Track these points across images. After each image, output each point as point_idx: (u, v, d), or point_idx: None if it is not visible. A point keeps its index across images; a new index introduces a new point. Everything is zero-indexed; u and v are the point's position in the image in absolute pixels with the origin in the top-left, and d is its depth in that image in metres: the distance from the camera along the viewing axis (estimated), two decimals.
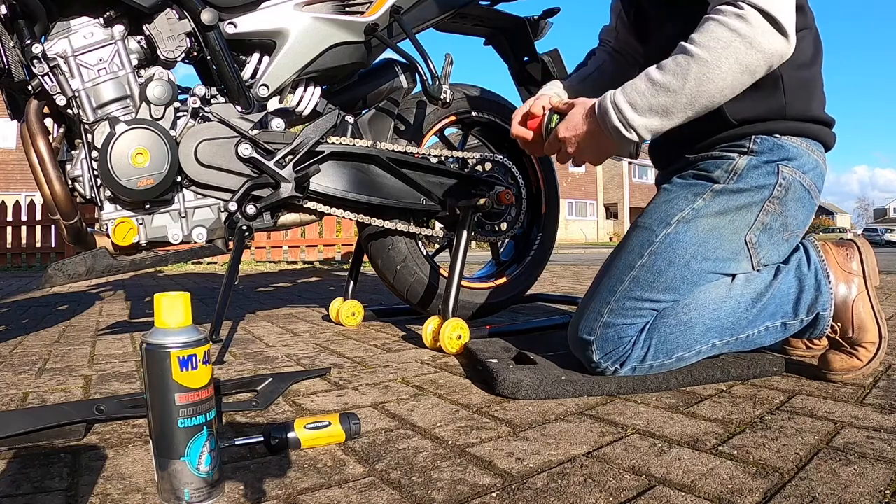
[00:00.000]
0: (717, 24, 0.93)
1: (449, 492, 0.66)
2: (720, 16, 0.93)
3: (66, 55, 1.29)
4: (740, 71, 0.93)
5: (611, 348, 1.04)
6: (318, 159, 1.49)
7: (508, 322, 1.85)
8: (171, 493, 0.63)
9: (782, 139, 1.07)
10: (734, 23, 0.91)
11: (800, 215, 1.10)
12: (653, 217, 1.09)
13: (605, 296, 1.07)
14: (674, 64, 0.95)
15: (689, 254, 1.04)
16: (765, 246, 1.08)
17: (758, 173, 1.06)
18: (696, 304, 1.04)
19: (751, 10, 0.91)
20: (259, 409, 0.99)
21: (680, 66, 0.94)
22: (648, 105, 0.96)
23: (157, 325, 0.64)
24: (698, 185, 1.10)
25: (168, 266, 4.78)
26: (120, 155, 1.26)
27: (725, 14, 0.92)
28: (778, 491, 0.65)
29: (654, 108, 0.96)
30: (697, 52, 0.93)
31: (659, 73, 0.96)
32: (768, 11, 0.91)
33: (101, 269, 1.34)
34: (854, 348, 1.07)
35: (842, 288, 1.08)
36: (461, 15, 1.72)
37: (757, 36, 0.91)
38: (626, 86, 0.99)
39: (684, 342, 1.04)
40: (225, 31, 1.39)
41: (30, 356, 1.48)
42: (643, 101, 0.96)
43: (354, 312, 1.88)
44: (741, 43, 0.91)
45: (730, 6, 0.93)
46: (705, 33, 0.93)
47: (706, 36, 0.93)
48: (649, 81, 0.96)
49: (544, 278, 3.67)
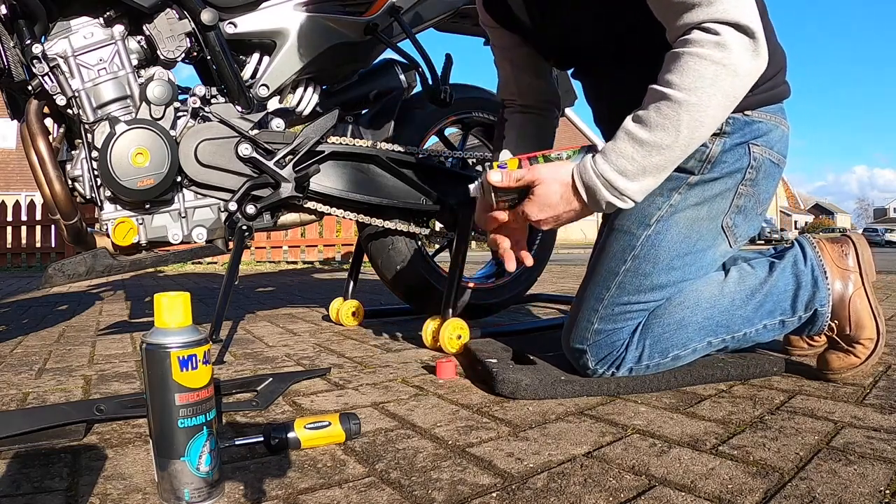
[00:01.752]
0: (697, 60, 0.82)
1: (449, 492, 0.66)
2: (697, 48, 0.82)
3: (66, 55, 1.29)
4: (728, 103, 0.85)
5: (605, 353, 1.04)
6: (318, 159, 1.49)
7: (508, 322, 1.85)
8: (171, 493, 0.63)
9: (752, 115, 1.03)
10: (716, 54, 0.82)
11: (770, 188, 1.09)
12: (631, 219, 1.07)
13: (592, 303, 1.06)
14: (659, 116, 0.85)
15: (673, 252, 1.03)
16: (741, 226, 1.08)
17: (731, 157, 1.03)
18: (688, 302, 1.04)
19: (727, 31, 0.82)
20: (259, 409, 0.99)
21: (668, 117, 0.84)
22: (641, 168, 0.86)
23: (157, 325, 0.64)
24: (672, 179, 1.05)
25: (168, 266, 4.78)
26: (120, 155, 1.26)
27: (703, 45, 0.82)
28: (778, 491, 0.65)
29: (647, 169, 0.87)
30: (684, 98, 0.83)
31: (644, 129, 0.85)
32: (743, 24, 0.82)
33: (101, 269, 1.34)
34: (852, 345, 1.06)
35: (838, 284, 1.08)
36: (461, 15, 1.72)
37: (741, 62, 0.82)
38: (608, 151, 0.88)
39: (678, 341, 1.04)
40: (225, 31, 1.39)
41: (30, 356, 1.48)
42: (634, 165, 0.86)
43: (354, 312, 1.88)
44: (726, 74, 0.82)
45: (702, 33, 0.83)
46: (687, 73, 0.83)
47: (689, 76, 0.82)
48: (635, 142, 0.86)
49: (544, 278, 3.67)
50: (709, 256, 1.07)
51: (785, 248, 1.13)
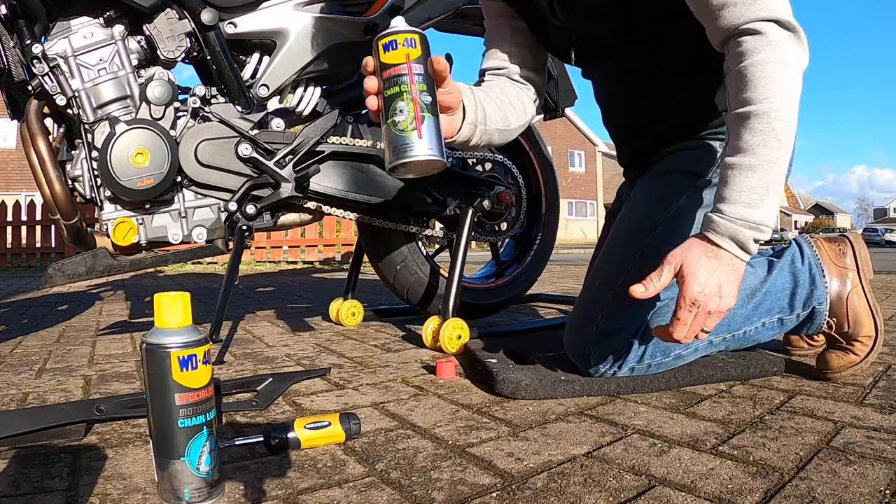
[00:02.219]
0: (761, 68, 0.81)
1: (449, 492, 0.66)
2: (754, 56, 0.82)
3: (66, 55, 1.29)
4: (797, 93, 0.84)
5: (608, 352, 1.04)
6: (318, 159, 1.49)
7: (508, 322, 1.85)
8: (171, 493, 0.63)
9: None
10: (773, 55, 0.81)
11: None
12: (637, 220, 1.07)
13: (598, 303, 1.06)
14: (754, 136, 0.82)
15: None
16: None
17: None
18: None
19: (772, 28, 0.82)
20: (259, 409, 0.99)
21: (764, 132, 0.82)
22: (765, 191, 0.82)
23: (157, 325, 0.64)
24: (680, 181, 1.07)
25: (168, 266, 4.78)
26: (120, 155, 1.26)
27: (758, 51, 0.82)
28: (778, 491, 0.65)
29: (769, 190, 0.83)
30: (769, 108, 0.81)
31: (749, 156, 0.82)
32: (784, 20, 0.82)
33: (101, 269, 1.34)
34: (850, 343, 1.07)
35: (836, 283, 1.08)
36: (461, 15, 1.72)
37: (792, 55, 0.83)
38: (725, 196, 0.84)
39: None
40: (225, 31, 1.39)
41: (30, 356, 1.48)
42: (758, 193, 0.82)
43: (354, 312, 1.88)
44: (786, 68, 0.82)
45: (751, 37, 0.83)
46: (759, 84, 0.82)
47: (762, 86, 0.81)
48: (748, 171, 0.82)
49: (544, 278, 3.67)
50: None
51: (783, 248, 1.14)
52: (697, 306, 0.82)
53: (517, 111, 1.15)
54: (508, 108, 1.12)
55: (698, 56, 1.06)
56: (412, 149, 0.79)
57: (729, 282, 0.83)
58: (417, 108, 0.80)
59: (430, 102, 0.82)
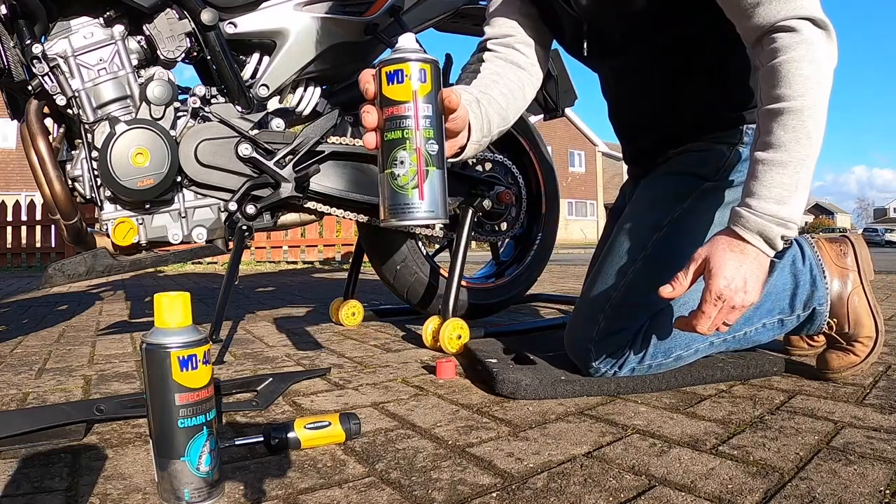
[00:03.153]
0: (795, 65, 0.82)
1: (449, 492, 0.66)
2: (789, 53, 0.82)
3: (66, 55, 1.29)
4: (828, 91, 0.84)
5: (609, 352, 1.04)
6: (318, 159, 1.49)
7: (508, 322, 1.85)
8: (171, 493, 0.63)
9: None
10: (807, 53, 0.82)
11: None
12: (643, 220, 1.08)
13: (600, 302, 1.06)
14: (787, 132, 0.82)
15: (684, 255, 1.01)
16: None
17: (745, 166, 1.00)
18: (692, 302, 1.04)
19: (806, 26, 0.82)
20: (259, 409, 0.99)
21: (796, 129, 0.82)
22: (794, 188, 0.83)
23: (157, 325, 0.64)
24: (686, 182, 1.08)
25: (168, 266, 4.78)
26: (120, 155, 1.26)
27: (792, 48, 0.82)
28: (778, 491, 0.65)
29: (799, 187, 0.83)
30: (802, 105, 0.82)
31: (780, 152, 0.83)
32: (817, 18, 0.82)
33: (101, 269, 1.34)
34: (851, 344, 1.07)
35: (837, 283, 1.08)
36: (461, 15, 1.72)
37: (825, 52, 0.83)
38: (754, 191, 0.84)
39: (682, 340, 1.04)
40: (225, 31, 1.39)
41: (30, 356, 1.48)
42: (787, 190, 0.83)
43: (354, 312, 1.88)
44: (820, 67, 0.82)
45: (785, 34, 0.83)
46: (792, 81, 0.82)
47: (796, 83, 0.82)
48: (779, 167, 0.83)
49: (544, 278, 3.67)
50: None
51: (784, 249, 1.14)
52: (723, 300, 0.83)
53: (517, 102, 1.09)
54: (510, 101, 1.07)
55: (702, 60, 1.06)
56: (411, 210, 0.69)
57: (754, 277, 0.83)
58: (421, 161, 0.69)
59: (436, 153, 0.71)
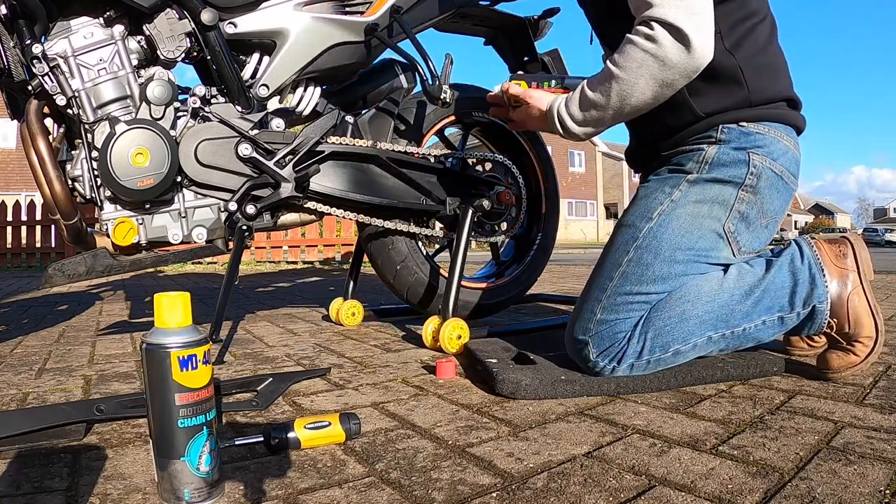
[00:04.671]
0: (632, 47, 1.02)
1: (449, 492, 0.66)
2: (635, 37, 1.02)
3: (66, 55, 1.29)
4: (657, 85, 1.02)
5: (606, 345, 1.05)
6: (318, 159, 1.49)
7: (508, 322, 1.85)
8: (171, 493, 0.63)
9: (748, 127, 1.10)
10: (646, 44, 1.00)
11: (776, 202, 1.13)
12: (635, 214, 1.13)
13: (596, 294, 1.09)
14: (598, 83, 1.08)
15: (674, 244, 1.07)
16: (743, 234, 1.12)
17: (728, 160, 1.10)
18: (689, 296, 1.06)
19: (660, 29, 0.98)
20: (259, 409, 0.99)
21: (604, 85, 1.06)
22: (583, 118, 1.12)
23: (157, 325, 0.64)
24: (673, 177, 1.14)
25: (168, 266, 4.78)
26: (120, 155, 1.26)
27: (639, 35, 1.01)
28: (778, 491, 0.65)
29: (587, 120, 1.12)
30: (617, 73, 1.04)
31: (590, 90, 1.09)
32: (677, 27, 0.97)
33: (101, 269, 1.34)
34: (851, 344, 1.07)
35: (836, 284, 1.09)
36: (461, 15, 1.72)
37: (668, 55, 0.99)
38: (570, 97, 1.13)
39: (679, 335, 1.04)
40: (225, 31, 1.39)
41: (30, 356, 1.48)
42: (579, 114, 1.12)
43: (354, 312, 1.88)
44: (653, 62, 1.00)
45: (643, 26, 1.01)
46: (623, 55, 1.03)
47: (624, 57, 1.03)
48: (583, 97, 1.11)
49: (544, 278, 3.67)
50: (710, 258, 1.10)
51: (782, 248, 1.14)
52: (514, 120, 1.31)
53: None
54: None
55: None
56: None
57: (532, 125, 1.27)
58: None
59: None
